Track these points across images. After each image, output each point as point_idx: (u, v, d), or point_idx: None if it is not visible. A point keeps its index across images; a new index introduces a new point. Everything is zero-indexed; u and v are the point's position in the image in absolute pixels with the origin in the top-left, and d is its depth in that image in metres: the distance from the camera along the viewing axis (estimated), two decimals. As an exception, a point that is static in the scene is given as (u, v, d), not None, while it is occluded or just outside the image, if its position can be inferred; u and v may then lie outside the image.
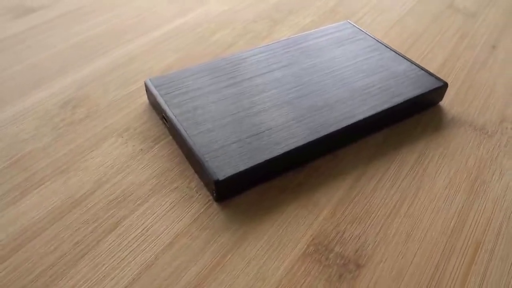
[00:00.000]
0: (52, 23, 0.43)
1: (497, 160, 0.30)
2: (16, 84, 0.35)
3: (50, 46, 0.40)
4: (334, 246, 0.24)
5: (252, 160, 0.27)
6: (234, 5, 0.48)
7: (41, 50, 0.40)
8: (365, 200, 0.27)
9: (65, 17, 0.44)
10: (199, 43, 0.41)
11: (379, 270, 0.23)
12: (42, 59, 0.38)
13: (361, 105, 0.31)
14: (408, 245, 0.25)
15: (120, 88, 0.35)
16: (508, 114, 0.34)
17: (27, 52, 0.39)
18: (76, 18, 0.44)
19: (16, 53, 0.39)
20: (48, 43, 0.40)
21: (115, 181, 0.28)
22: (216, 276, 0.23)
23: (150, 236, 0.25)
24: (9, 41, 0.41)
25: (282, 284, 0.23)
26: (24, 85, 0.35)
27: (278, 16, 0.46)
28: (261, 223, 0.25)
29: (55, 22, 0.44)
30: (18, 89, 0.35)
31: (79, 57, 0.39)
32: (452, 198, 0.27)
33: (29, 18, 0.44)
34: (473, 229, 0.26)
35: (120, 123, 0.32)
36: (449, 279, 0.23)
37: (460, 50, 0.41)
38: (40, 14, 0.45)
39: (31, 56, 0.39)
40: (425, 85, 0.33)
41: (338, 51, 0.36)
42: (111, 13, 0.45)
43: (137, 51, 0.40)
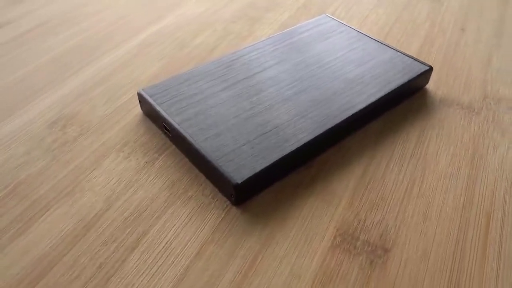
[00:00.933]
0: (22, 39, 0.41)
1: (488, 134, 0.32)
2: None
3: (24, 63, 0.38)
4: (359, 234, 0.25)
5: (266, 159, 0.27)
6: (209, 6, 0.47)
7: (15, 69, 0.37)
8: (378, 186, 0.28)
9: (34, 32, 0.42)
10: (181, 48, 0.40)
11: (406, 252, 0.24)
12: (18, 79, 0.36)
13: (358, 95, 0.32)
14: (427, 224, 0.26)
15: (109, 102, 0.34)
16: (489, 91, 0.36)
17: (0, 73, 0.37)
18: (46, 32, 0.42)
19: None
20: (21, 60, 0.38)
21: (126, 197, 0.27)
22: (251, 280, 0.23)
23: (175, 249, 0.24)
24: (-24, 63, 0.38)
25: (318, 278, 0.23)
26: (3, 108, 0.33)
27: (255, 15, 0.46)
28: (284, 221, 0.26)
29: (25, 38, 0.41)
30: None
31: (57, 73, 0.37)
32: (457, 175, 0.29)
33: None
34: (481, 201, 0.27)
35: (118, 138, 0.31)
36: (470, 251, 0.24)
37: (433, 35, 0.43)
38: (8, 30, 0.42)
39: (5, 77, 0.36)
40: (413, 71, 0.34)
41: (323, 45, 0.37)
42: (83, 25, 0.43)
43: (119, 61, 0.38)
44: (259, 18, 0.45)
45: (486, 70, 0.38)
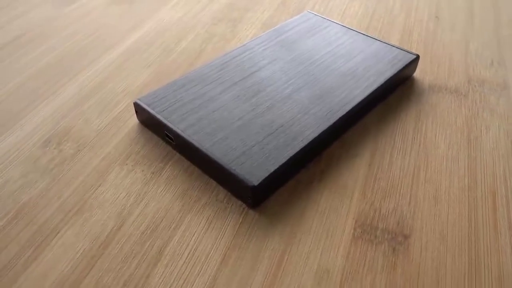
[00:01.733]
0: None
1: (478, 115, 0.33)
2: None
3: (6, 81, 0.36)
4: (377, 223, 0.25)
5: (278, 159, 0.27)
6: (187, 11, 0.46)
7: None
8: (386, 175, 0.28)
9: (8, 48, 0.40)
10: (167, 54, 0.39)
11: (424, 235, 0.25)
12: (1, 97, 0.34)
13: (355, 88, 0.32)
14: (439, 207, 0.26)
15: (103, 114, 0.33)
16: (471, 74, 0.38)
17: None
18: (21, 47, 0.40)
19: (-37, 97, 0.35)
20: (2, 78, 0.36)
21: (139, 211, 0.26)
22: (282, 280, 0.23)
23: (199, 258, 0.24)
24: (-51, 85, 0.36)
25: (346, 270, 0.23)
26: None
27: (236, 15, 0.46)
28: (303, 219, 0.26)
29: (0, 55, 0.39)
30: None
31: (41, 90, 0.35)
32: (457, 157, 0.30)
33: (-37, 56, 0.39)
34: (484, 180, 0.28)
35: (118, 151, 0.30)
36: (483, 228, 0.25)
37: (410, 25, 0.45)
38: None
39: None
40: (402, 60, 0.35)
41: (311, 41, 0.38)
42: (60, 37, 0.42)
43: (104, 72, 0.37)
44: (240, 19, 0.45)
45: (466, 55, 0.40)
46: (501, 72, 0.38)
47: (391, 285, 0.22)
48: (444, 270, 0.23)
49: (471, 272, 0.23)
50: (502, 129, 0.32)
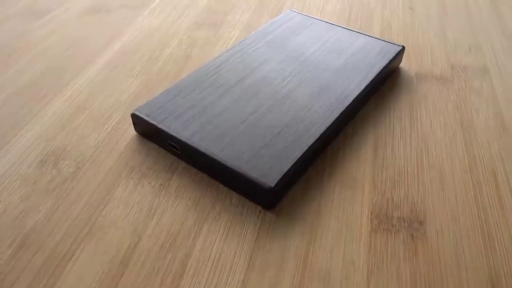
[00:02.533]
0: (-31, 79, 0.37)
1: (466, 99, 0.35)
2: (-35, 158, 0.29)
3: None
4: (392, 213, 0.26)
5: (289, 158, 0.27)
6: (164, 17, 0.46)
7: (-28, 112, 0.33)
8: (391, 164, 0.29)
9: (-20, 69, 0.38)
10: (153, 63, 0.39)
11: (438, 219, 0.26)
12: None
13: (350, 82, 0.33)
14: (446, 190, 0.27)
15: (97, 129, 0.32)
16: (453, 61, 0.39)
17: (-45, 119, 0.33)
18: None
19: None
20: (-24, 102, 0.34)
21: (153, 225, 0.25)
22: (311, 279, 0.23)
23: (224, 265, 0.23)
24: None
25: (370, 261, 0.23)
26: (-23, 156, 0.30)
27: (216, 19, 0.45)
28: (320, 215, 0.26)
29: (-28, 77, 0.37)
30: (-28, 162, 0.29)
31: (26, 109, 0.33)
32: (454, 141, 0.31)
33: None
34: (482, 160, 0.29)
35: (121, 165, 0.29)
36: (489, 205, 0.26)
37: (388, 17, 0.46)
38: None
39: (-36, 122, 0.32)
40: (390, 52, 0.36)
41: (299, 39, 0.38)
42: (35, 52, 0.40)
43: (90, 86, 0.36)
44: (221, 22, 0.45)
45: (445, 43, 0.42)
46: (480, 57, 0.40)
47: (416, 272, 0.23)
48: (462, 251, 0.24)
49: (487, 249, 0.24)
50: (490, 110, 0.34)
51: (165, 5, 0.48)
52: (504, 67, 0.38)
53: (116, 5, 0.48)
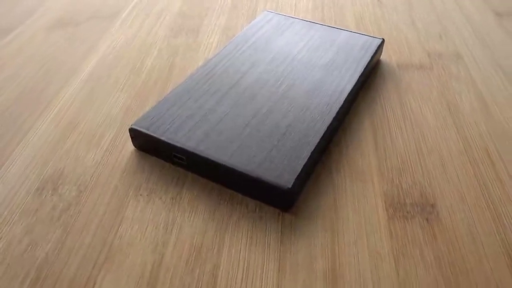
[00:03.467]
0: None
1: (448, 85, 0.37)
2: (-49, 194, 0.27)
3: (-42, 135, 0.31)
4: (404, 200, 0.27)
5: (300, 158, 0.27)
6: (138, 26, 0.44)
7: (-51, 143, 0.31)
8: (393, 153, 0.30)
9: None
10: (136, 75, 0.37)
11: (447, 200, 0.27)
12: (-40, 153, 0.30)
13: (341, 78, 0.34)
14: (448, 172, 0.29)
15: (92, 149, 0.30)
16: (427, 49, 0.41)
17: None
18: (-37, 93, 0.35)
19: None
20: (-49, 132, 0.32)
21: (173, 240, 0.25)
22: (342, 274, 0.23)
23: (255, 272, 0.23)
24: None
25: (394, 249, 0.24)
26: (-36, 190, 0.27)
27: (192, 24, 0.45)
28: (337, 210, 0.26)
29: None
30: (-40, 198, 0.27)
31: (9, 135, 0.31)
32: (445, 125, 0.32)
33: None
34: (474, 140, 0.31)
35: (126, 183, 0.28)
36: (490, 182, 0.28)
37: (359, 11, 0.47)
38: None
39: None
40: (372, 45, 0.37)
41: (282, 40, 0.38)
42: (6, 74, 0.37)
43: (75, 103, 0.34)
44: (198, 27, 0.44)
45: (417, 33, 0.43)
46: (450, 43, 0.42)
47: (439, 253, 0.24)
48: (475, 228, 0.25)
49: (497, 224, 0.26)
50: (471, 93, 0.36)
51: (136, 14, 0.46)
52: (474, 51, 0.41)
53: (83, 17, 0.46)
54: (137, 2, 0.49)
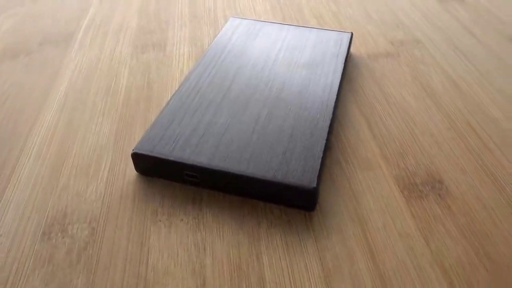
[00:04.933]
0: None
1: (417, 68, 0.39)
2: None
3: None
4: (414, 180, 0.28)
5: (314, 156, 0.27)
6: (99, 46, 0.42)
7: None
8: (390, 137, 0.32)
9: None
10: (114, 96, 0.36)
11: (451, 174, 0.29)
12: None
13: (326, 74, 0.35)
14: (443, 149, 0.31)
15: (91, 181, 0.28)
16: (389, 38, 0.44)
17: None
18: None
19: None
20: None
21: (210, 260, 0.24)
22: (382, 261, 0.24)
23: (302, 275, 0.23)
24: None
25: (420, 228, 0.25)
26: (-44, 250, 0.24)
27: (156, 38, 0.43)
28: (359, 201, 0.27)
29: None
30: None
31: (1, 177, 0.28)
32: (427, 106, 0.35)
33: None
34: (456, 116, 0.34)
35: (140, 211, 0.26)
36: (480, 151, 0.30)
37: (315, 7, 0.49)
38: None
39: None
40: (344, 40, 0.39)
41: (258, 44, 0.38)
42: (-36, 116, 0.34)
43: (57, 136, 0.32)
44: (164, 40, 0.43)
45: (375, 24, 0.46)
46: (407, 31, 0.45)
47: (459, 224, 0.26)
48: (481, 194, 0.27)
49: (497, 187, 0.28)
50: (439, 74, 0.38)
51: (93, 34, 0.44)
52: (430, 36, 0.44)
53: (34, 45, 0.43)
54: (89, 22, 0.46)
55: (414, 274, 0.23)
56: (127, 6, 0.50)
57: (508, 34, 0.43)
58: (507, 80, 0.37)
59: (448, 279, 0.23)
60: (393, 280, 0.23)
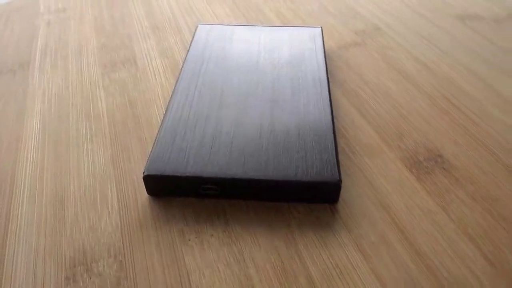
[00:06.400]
0: None
1: (386, 55, 0.41)
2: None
3: None
4: (417, 158, 0.30)
5: (328, 150, 0.28)
6: (64, 72, 0.39)
7: None
8: (383, 122, 0.33)
9: None
10: (97, 121, 0.33)
11: (447, 147, 0.31)
12: None
13: (311, 70, 0.35)
14: (433, 125, 0.33)
15: (103, 214, 0.27)
16: (352, 28, 0.45)
17: None
18: None
19: None
20: None
21: (253, 270, 0.23)
22: (415, 239, 0.25)
23: (346, 267, 0.23)
24: None
25: (437, 201, 0.27)
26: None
27: (123, 54, 0.41)
28: (374, 187, 0.28)
29: None
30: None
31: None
32: (407, 88, 0.37)
33: None
34: (436, 94, 0.36)
35: (166, 234, 0.25)
36: (464, 122, 0.33)
37: (273, 6, 0.49)
38: None
39: None
40: (316, 35, 0.40)
41: (235, 48, 0.38)
42: None
43: (47, 172, 0.29)
44: (132, 56, 0.41)
45: (335, 17, 0.48)
46: (366, 20, 0.47)
47: (469, 192, 0.28)
48: (479, 162, 0.30)
49: (489, 152, 0.30)
50: (408, 58, 0.41)
51: (52, 59, 0.41)
52: (388, 23, 0.46)
53: (-13, 76, 0.39)
54: (43, 47, 0.43)
55: (445, 244, 0.25)
56: (80, 25, 0.47)
57: (455, 14, 0.47)
58: (467, 56, 0.40)
59: (475, 244, 0.25)
60: (429, 254, 0.24)
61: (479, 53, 0.41)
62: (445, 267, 0.23)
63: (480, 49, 0.41)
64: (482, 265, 0.24)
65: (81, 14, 0.49)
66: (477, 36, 0.43)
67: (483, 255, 0.24)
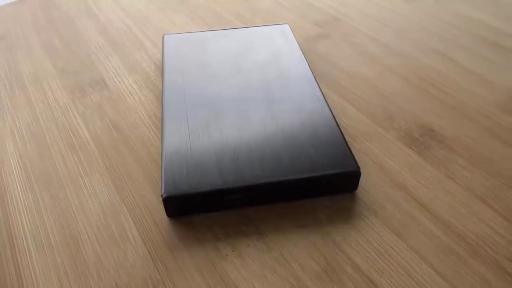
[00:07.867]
0: None
1: (352, 42, 0.43)
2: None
3: None
4: (413, 135, 0.32)
5: (337, 141, 0.28)
6: (29, 106, 0.36)
7: None
8: (372, 107, 0.35)
9: None
10: (85, 151, 0.31)
11: (435, 121, 0.33)
12: None
13: (293, 66, 0.36)
14: (415, 102, 0.35)
15: (127, 248, 0.25)
16: (311, 20, 0.47)
17: None
18: None
19: None
20: None
21: (299, 271, 0.23)
22: (436, 210, 0.26)
23: (387, 250, 0.24)
24: None
25: (443, 172, 0.29)
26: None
27: (89, 76, 0.38)
28: (385, 170, 0.29)
29: None
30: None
31: None
32: (379, 71, 0.39)
33: None
34: (410, 72, 0.38)
35: (198, 254, 0.24)
36: (439, 94, 0.35)
37: (229, 8, 0.49)
38: None
39: None
40: (285, 31, 0.40)
41: (210, 55, 0.37)
42: None
43: (50, 216, 0.27)
44: (99, 77, 0.39)
45: (293, 12, 0.49)
46: (322, 12, 0.49)
47: (468, 159, 0.30)
48: (466, 130, 0.32)
49: (475, 122, 0.33)
50: (371, 42, 0.43)
51: (7, 92, 0.37)
52: (343, 11, 0.48)
53: None
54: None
55: (465, 211, 0.26)
56: (28, 51, 0.43)
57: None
58: (420, 34, 0.43)
59: (489, 206, 0.27)
60: (455, 223, 0.26)
61: (432, 31, 0.44)
62: (471, 230, 0.25)
63: (433, 27, 0.45)
64: (500, 222, 0.26)
65: (25, 39, 0.45)
66: (424, 14, 0.47)
67: (497, 212, 0.26)
